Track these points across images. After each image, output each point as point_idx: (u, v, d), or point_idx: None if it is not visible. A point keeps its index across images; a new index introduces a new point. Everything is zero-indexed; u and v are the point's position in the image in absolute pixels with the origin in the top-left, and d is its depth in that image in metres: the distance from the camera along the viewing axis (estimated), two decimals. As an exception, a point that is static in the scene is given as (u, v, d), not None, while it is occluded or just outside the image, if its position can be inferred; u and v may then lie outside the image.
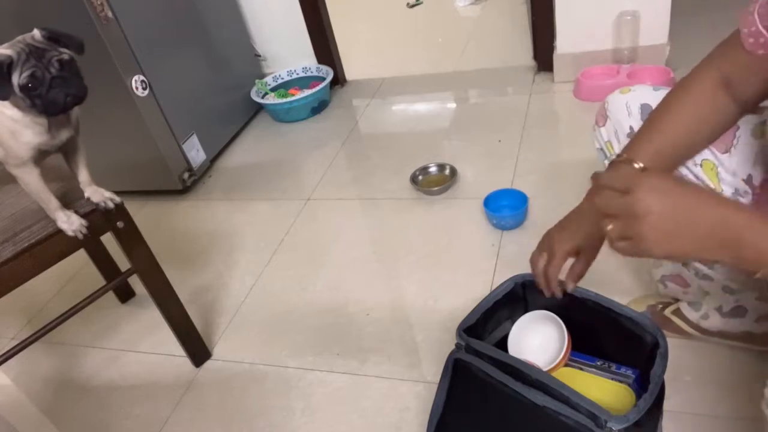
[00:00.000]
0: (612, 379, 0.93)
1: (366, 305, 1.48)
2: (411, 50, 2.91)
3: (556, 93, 2.18)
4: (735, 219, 0.58)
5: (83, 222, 1.11)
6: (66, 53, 0.98)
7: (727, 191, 0.89)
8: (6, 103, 0.96)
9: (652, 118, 0.85)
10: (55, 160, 1.15)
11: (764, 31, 0.74)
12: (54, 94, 0.96)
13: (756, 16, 0.75)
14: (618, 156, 0.82)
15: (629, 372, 0.93)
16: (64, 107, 0.99)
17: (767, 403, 0.64)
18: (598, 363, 0.96)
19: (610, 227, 0.61)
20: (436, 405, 0.96)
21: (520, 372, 0.84)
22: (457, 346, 0.94)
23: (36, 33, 0.97)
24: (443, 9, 3.35)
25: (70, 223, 1.10)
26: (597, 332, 0.96)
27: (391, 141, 2.18)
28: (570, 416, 0.78)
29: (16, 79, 0.93)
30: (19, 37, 0.97)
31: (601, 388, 0.90)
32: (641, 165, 0.77)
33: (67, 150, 1.11)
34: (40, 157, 1.05)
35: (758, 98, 0.80)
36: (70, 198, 1.15)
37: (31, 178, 1.05)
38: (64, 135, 1.06)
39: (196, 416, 1.32)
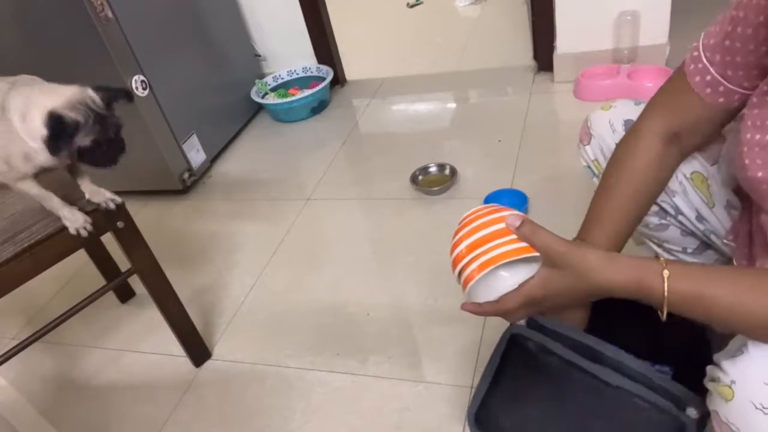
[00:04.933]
0: None
1: (366, 305, 1.48)
2: (411, 50, 2.91)
3: (556, 93, 2.18)
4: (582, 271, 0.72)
5: (87, 218, 1.11)
6: (119, 120, 1.05)
7: (719, 204, 0.88)
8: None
9: (600, 195, 0.86)
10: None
11: (722, 80, 0.73)
12: (108, 156, 1.05)
13: (707, 64, 0.74)
14: (575, 239, 0.84)
15: (666, 368, 0.90)
16: (112, 164, 1.07)
17: (710, 379, 0.65)
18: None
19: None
20: (483, 380, 0.91)
21: (593, 350, 0.79)
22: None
23: (95, 96, 1.00)
24: (443, 9, 3.35)
25: (74, 220, 1.10)
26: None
27: (391, 141, 2.18)
28: (646, 398, 0.74)
29: (79, 140, 0.99)
30: (76, 93, 0.98)
31: None
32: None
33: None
34: (42, 173, 1.06)
35: (705, 144, 0.79)
36: (70, 198, 1.14)
37: (28, 187, 1.06)
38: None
39: (196, 416, 1.32)
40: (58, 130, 0.95)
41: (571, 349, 0.82)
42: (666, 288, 0.65)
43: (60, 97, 0.97)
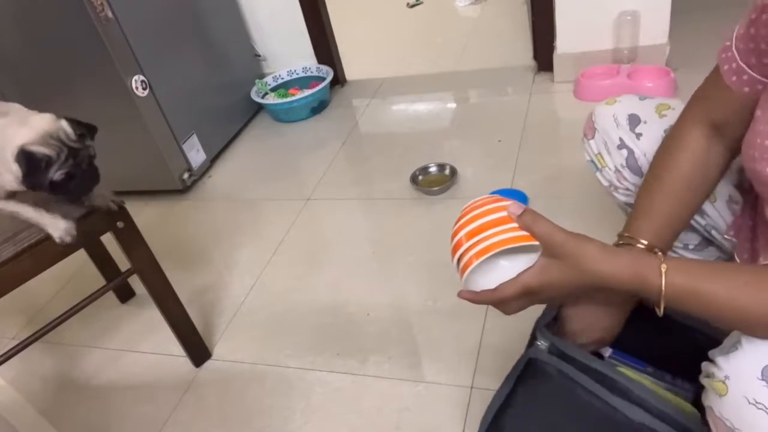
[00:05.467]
0: (667, 389, 0.86)
1: (366, 305, 1.48)
2: (411, 50, 2.91)
3: (556, 93, 2.18)
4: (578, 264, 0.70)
5: (70, 224, 1.08)
6: (92, 148, 1.04)
7: (721, 199, 0.89)
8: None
9: (648, 188, 0.83)
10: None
11: (746, 68, 0.72)
12: (82, 187, 1.05)
13: (735, 52, 0.73)
14: (621, 235, 0.82)
15: (687, 385, 0.86)
16: (86, 194, 1.08)
17: (705, 375, 0.65)
18: (649, 369, 0.89)
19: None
20: (495, 399, 0.87)
21: (617, 383, 0.76)
22: (534, 345, 0.86)
23: (69, 130, 1.00)
24: (443, 9, 3.35)
25: (55, 227, 1.07)
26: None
27: (391, 141, 2.17)
28: None
29: (51, 173, 0.98)
30: (49, 125, 0.98)
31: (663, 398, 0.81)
32: (645, 242, 0.78)
33: None
34: (10, 195, 1.05)
35: None
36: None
37: None
38: None
39: (196, 416, 1.32)
40: (30, 166, 0.96)
41: (595, 381, 0.79)
42: (663, 282, 0.65)
43: (32, 130, 0.97)
